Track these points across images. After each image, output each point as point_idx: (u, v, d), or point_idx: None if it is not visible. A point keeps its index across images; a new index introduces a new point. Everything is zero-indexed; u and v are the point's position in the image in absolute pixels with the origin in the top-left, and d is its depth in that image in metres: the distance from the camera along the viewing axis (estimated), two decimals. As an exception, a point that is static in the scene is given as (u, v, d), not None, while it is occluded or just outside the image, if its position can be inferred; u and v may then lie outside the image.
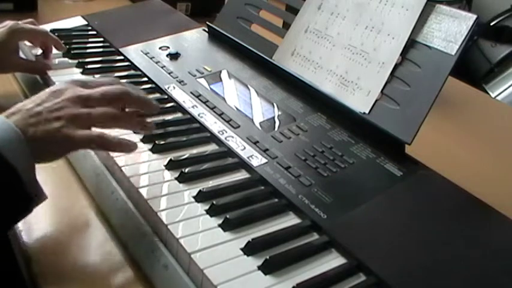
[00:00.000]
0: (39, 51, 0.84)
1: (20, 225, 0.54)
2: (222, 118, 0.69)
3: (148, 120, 0.60)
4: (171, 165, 0.59)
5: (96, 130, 0.53)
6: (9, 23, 0.77)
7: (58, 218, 0.56)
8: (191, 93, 0.74)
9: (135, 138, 0.62)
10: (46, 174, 0.52)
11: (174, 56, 0.85)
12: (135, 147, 0.56)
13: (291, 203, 0.55)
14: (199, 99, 0.73)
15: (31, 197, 0.50)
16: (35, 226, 0.55)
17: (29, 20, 0.82)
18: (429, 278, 0.48)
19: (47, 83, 0.78)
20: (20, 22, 0.79)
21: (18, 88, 0.84)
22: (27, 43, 0.85)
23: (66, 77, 0.78)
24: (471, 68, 1.98)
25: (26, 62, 0.81)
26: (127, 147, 0.55)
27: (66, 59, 0.84)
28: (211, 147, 0.64)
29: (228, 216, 0.51)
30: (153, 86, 0.77)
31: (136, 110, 0.59)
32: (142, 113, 0.59)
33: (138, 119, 0.58)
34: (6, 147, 0.47)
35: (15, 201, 0.49)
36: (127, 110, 0.58)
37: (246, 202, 0.54)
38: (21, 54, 0.84)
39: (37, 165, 0.50)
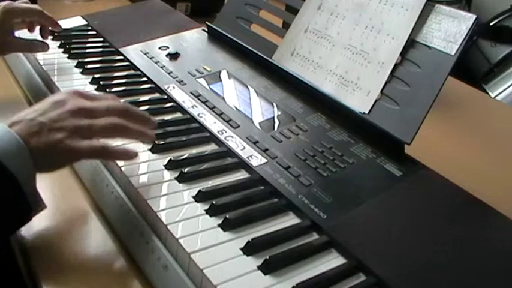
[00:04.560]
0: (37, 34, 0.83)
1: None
2: (222, 118, 0.69)
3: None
4: (170, 165, 0.59)
5: (98, 140, 0.54)
6: (2, 3, 0.76)
7: (57, 218, 0.56)
8: (191, 93, 0.74)
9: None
10: (46, 174, 0.52)
11: (173, 56, 0.85)
12: (136, 155, 0.56)
13: (290, 202, 0.55)
14: (199, 99, 0.73)
15: (31, 206, 0.50)
16: (34, 224, 0.55)
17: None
18: (429, 278, 0.48)
19: (45, 80, 0.78)
20: (12, 2, 0.79)
21: (18, 88, 0.84)
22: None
23: (65, 76, 0.78)
24: (471, 68, 1.98)
25: (22, 41, 0.80)
26: (129, 155, 0.56)
27: (65, 58, 0.84)
28: (211, 147, 0.64)
29: (227, 216, 0.51)
30: (153, 86, 0.77)
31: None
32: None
33: (139, 128, 0.57)
34: (8, 156, 0.47)
35: (15, 209, 0.50)
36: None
37: (245, 202, 0.54)
38: (17, 34, 0.83)
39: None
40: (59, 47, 0.87)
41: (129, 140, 0.60)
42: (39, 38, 0.83)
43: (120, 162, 0.58)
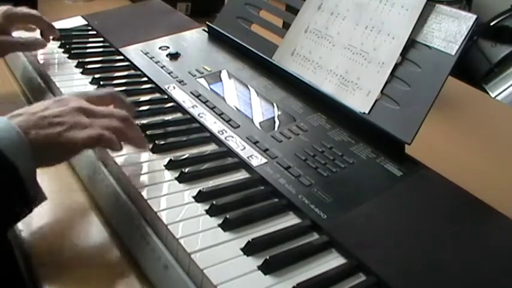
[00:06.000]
0: (37, 34, 0.84)
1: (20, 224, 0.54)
2: (222, 118, 0.69)
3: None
4: (171, 165, 0.59)
5: (96, 130, 0.53)
6: (2, 9, 0.77)
7: (57, 218, 0.56)
8: (191, 93, 0.74)
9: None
10: (46, 174, 0.52)
11: (174, 56, 0.85)
12: (145, 146, 0.58)
13: (291, 203, 0.55)
14: (199, 99, 0.73)
15: (31, 196, 0.50)
16: (34, 224, 0.55)
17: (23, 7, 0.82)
18: (429, 278, 0.48)
19: (46, 80, 0.78)
20: (13, 7, 0.79)
21: (19, 88, 0.84)
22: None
23: (66, 76, 0.78)
24: (471, 68, 1.98)
25: (20, 40, 0.80)
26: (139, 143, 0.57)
27: (66, 58, 0.84)
28: (211, 147, 0.64)
29: (228, 216, 0.51)
30: (153, 86, 0.77)
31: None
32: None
33: (137, 134, 0.59)
34: (8, 146, 0.47)
35: (15, 199, 0.49)
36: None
37: (246, 202, 0.54)
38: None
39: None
40: (59, 47, 0.87)
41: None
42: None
43: (120, 162, 0.58)
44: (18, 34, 0.82)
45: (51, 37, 0.85)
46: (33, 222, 0.55)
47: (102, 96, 0.60)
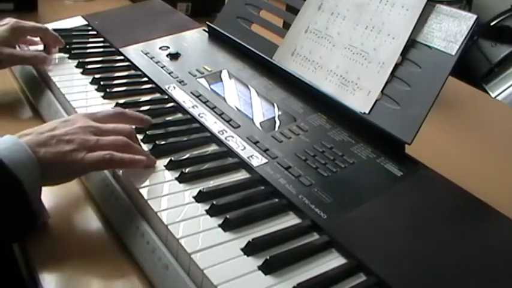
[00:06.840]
0: (40, 47, 0.84)
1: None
2: (222, 118, 0.69)
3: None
4: (171, 165, 0.59)
5: (104, 151, 0.55)
6: (10, 21, 0.79)
7: (57, 217, 0.56)
8: (191, 93, 0.74)
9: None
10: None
11: (174, 56, 0.85)
12: (153, 163, 0.58)
13: (291, 203, 0.55)
14: (200, 99, 0.73)
15: (34, 209, 0.51)
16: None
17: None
18: (429, 278, 0.48)
19: (46, 80, 0.78)
20: (20, 20, 0.80)
21: (17, 85, 0.84)
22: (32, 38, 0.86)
23: (66, 76, 0.78)
24: (471, 68, 1.98)
25: (24, 53, 0.81)
26: (140, 163, 0.57)
27: (66, 58, 0.84)
28: (212, 147, 0.64)
29: (228, 217, 0.51)
30: (153, 86, 0.77)
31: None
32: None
33: (143, 151, 0.59)
34: (15, 163, 0.49)
35: (20, 216, 0.51)
36: None
37: (246, 202, 0.54)
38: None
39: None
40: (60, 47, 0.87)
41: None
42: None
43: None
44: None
45: (57, 47, 0.85)
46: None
47: (109, 115, 0.61)
